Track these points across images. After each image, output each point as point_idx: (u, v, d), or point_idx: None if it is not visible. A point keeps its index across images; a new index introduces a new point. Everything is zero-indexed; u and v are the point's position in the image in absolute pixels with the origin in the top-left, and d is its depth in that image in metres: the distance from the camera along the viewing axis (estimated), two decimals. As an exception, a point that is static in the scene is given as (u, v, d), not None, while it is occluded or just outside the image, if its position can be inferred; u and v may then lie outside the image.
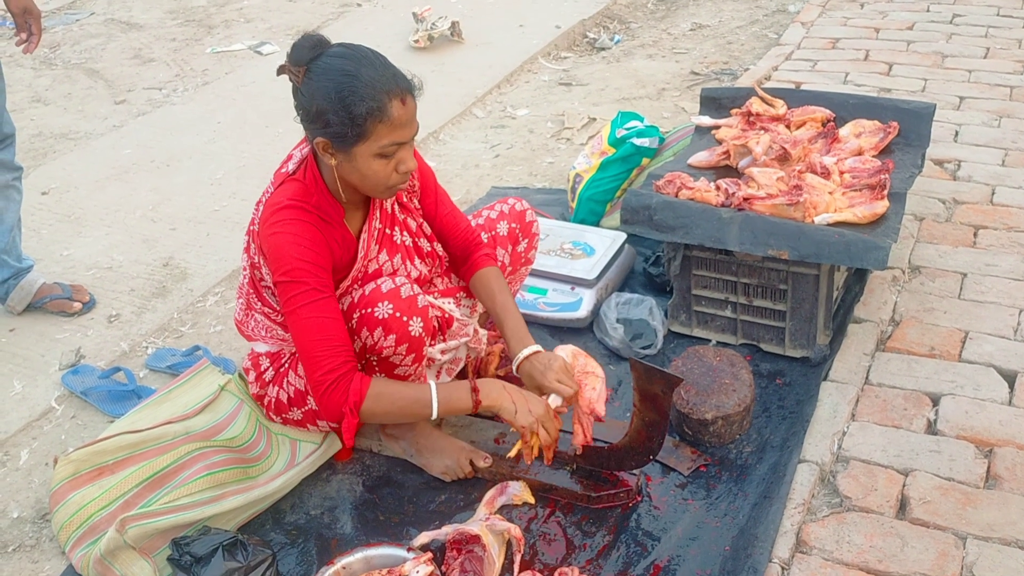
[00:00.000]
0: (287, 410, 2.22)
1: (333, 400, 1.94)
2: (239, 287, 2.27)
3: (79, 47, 5.50)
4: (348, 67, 1.88)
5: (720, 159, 2.81)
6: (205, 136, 4.31)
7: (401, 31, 5.35)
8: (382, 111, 1.87)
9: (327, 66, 1.89)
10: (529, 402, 2.03)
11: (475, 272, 2.27)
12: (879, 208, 2.46)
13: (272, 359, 2.24)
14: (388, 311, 2.00)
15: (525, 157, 3.96)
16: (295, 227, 1.96)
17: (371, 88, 1.86)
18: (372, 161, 1.92)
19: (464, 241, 2.30)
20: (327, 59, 1.90)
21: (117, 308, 3.09)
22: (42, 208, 3.75)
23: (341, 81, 1.86)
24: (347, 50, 1.92)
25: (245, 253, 2.17)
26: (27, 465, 2.46)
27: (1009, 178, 3.33)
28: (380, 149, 1.90)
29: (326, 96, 1.87)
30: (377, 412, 1.99)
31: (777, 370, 2.58)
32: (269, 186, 2.09)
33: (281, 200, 1.99)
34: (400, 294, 2.02)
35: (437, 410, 2.00)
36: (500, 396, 2.02)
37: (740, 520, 2.12)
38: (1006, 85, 4.02)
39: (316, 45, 1.92)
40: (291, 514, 2.24)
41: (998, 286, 2.77)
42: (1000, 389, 2.39)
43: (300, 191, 2.00)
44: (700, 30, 5.18)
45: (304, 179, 2.02)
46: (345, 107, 1.86)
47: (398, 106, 1.89)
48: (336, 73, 1.87)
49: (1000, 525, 1.99)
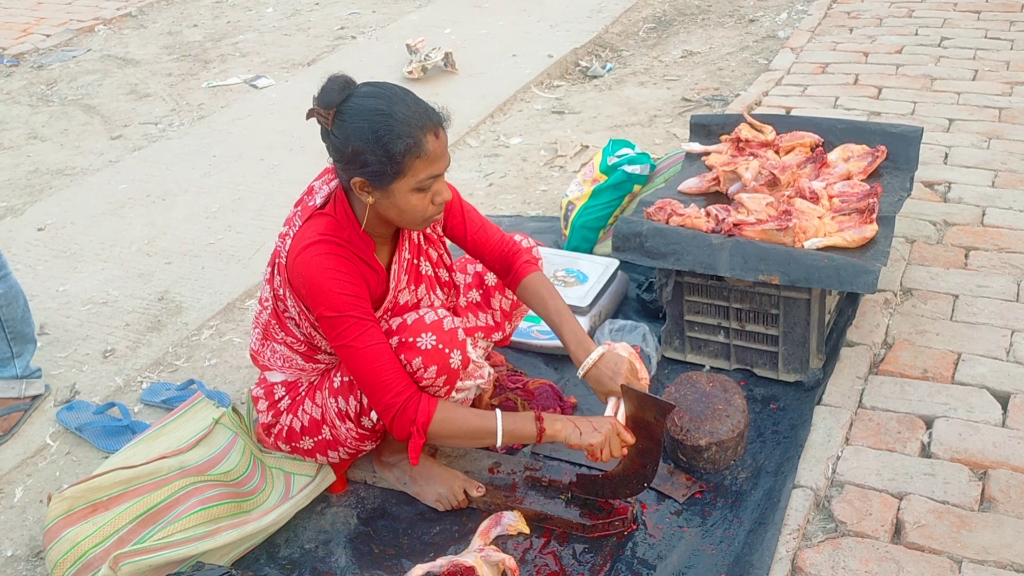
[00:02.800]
0: (299, 439, 2.22)
1: (402, 421, 1.98)
2: (255, 317, 2.26)
3: (76, 83, 5.55)
4: (381, 106, 1.88)
5: (710, 185, 2.83)
6: (201, 170, 4.34)
7: (395, 63, 5.40)
8: (419, 147, 1.88)
9: (359, 107, 1.89)
10: (592, 423, 2.08)
11: (520, 281, 2.29)
12: (868, 232, 2.47)
13: (288, 388, 2.23)
14: (431, 342, 2.01)
15: (518, 185, 3.98)
16: (331, 261, 1.97)
17: (406, 125, 1.87)
18: (410, 196, 1.94)
19: (501, 253, 2.31)
20: (358, 100, 1.90)
21: (112, 343, 3.09)
22: (38, 244, 3.77)
23: (376, 121, 1.87)
24: (376, 89, 1.93)
25: (267, 284, 2.15)
26: (21, 503, 2.46)
27: (999, 199, 3.34)
28: (418, 184, 1.92)
29: (362, 137, 1.88)
30: (442, 435, 2.03)
31: (771, 395, 2.58)
32: (293, 218, 2.07)
33: (313, 235, 1.99)
34: (443, 326, 2.04)
35: (502, 439, 2.04)
36: (564, 425, 2.06)
37: (736, 547, 2.11)
38: (995, 107, 4.05)
39: (344, 87, 1.92)
40: (285, 548, 2.23)
41: (990, 307, 2.78)
42: (993, 411, 2.39)
43: (331, 226, 2.00)
44: (691, 57, 5.23)
45: (335, 214, 2.02)
46: (383, 146, 1.86)
47: (432, 140, 1.91)
48: (370, 113, 1.88)
49: (995, 548, 1.99)
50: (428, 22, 6.19)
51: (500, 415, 2.04)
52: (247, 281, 3.37)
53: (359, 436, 2.16)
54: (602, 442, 2.05)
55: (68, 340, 3.13)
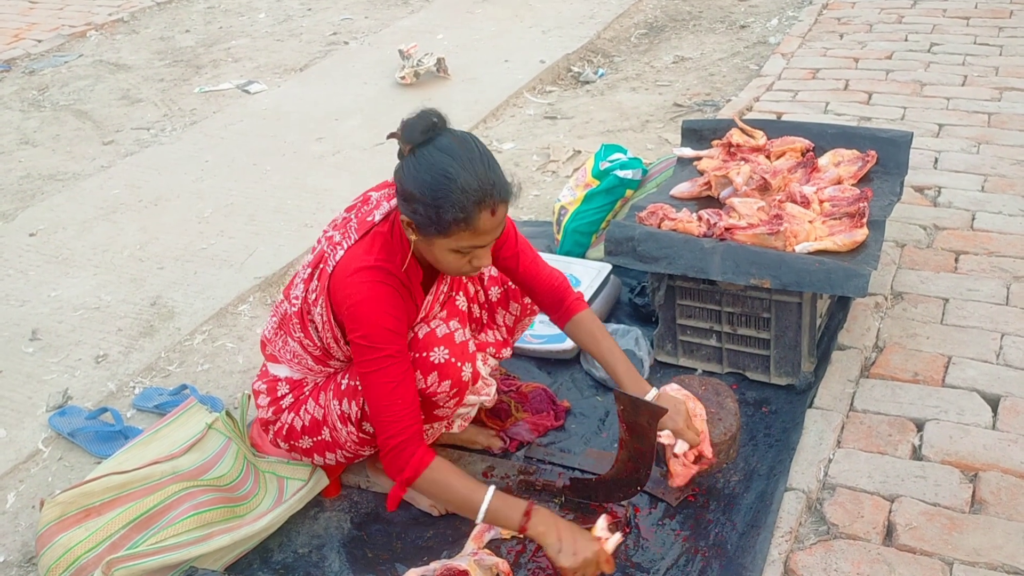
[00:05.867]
0: (298, 437, 2.22)
1: (394, 464, 1.95)
2: (276, 305, 2.24)
3: (67, 89, 5.54)
4: (450, 169, 1.84)
5: (702, 190, 2.85)
6: (193, 175, 4.33)
7: (388, 68, 5.40)
8: (469, 222, 1.85)
9: (431, 159, 1.86)
10: (577, 542, 1.94)
11: (570, 318, 2.27)
12: (859, 236, 2.48)
13: (292, 385, 2.23)
14: (444, 356, 2.03)
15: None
16: (381, 291, 1.95)
17: (465, 196, 1.83)
18: (447, 254, 1.93)
19: (550, 287, 2.28)
20: (434, 150, 1.87)
21: (104, 348, 3.09)
22: (30, 250, 3.76)
23: (438, 181, 1.84)
24: (456, 145, 1.88)
25: (303, 284, 2.12)
26: (14, 508, 2.45)
27: (989, 204, 3.37)
28: (458, 247, 1.91)
29: (421, 188, 1.86)
30: (425, 492, 2.01)
31: (763, 398, 2.59)
32: (348, 227, 2.05)
33: (368, 259, 1.97)
34: (455, 339, 2.05)
35: (482, 519, 1.96)
36: (548, 531, 1.94)
37: (728, 550, 2.12)
38: (984, 112, 4.08)
39: (429, 129, 1.89)
40: (279, 553, 2.23)
41: (980, 311, 2.80)
42: (984, 413, 2.40)
43: (387, 250, 1.99)
44: (682, 63, 5.25)
45: (392, 236, 2.01)
46: (435, 207, 1.84)
47: (487, 217, 1.87)
48: (437, 170, 1.84)
49: (986, 549, 2.00)
50: (420, 28, 6.20)
51: (490, 495, 1.95)
52: (240, 286, 3.37)
53: (359, 440, 2.16)
54: (574, 567, 1.91)
55: (60, 345, 3.12)
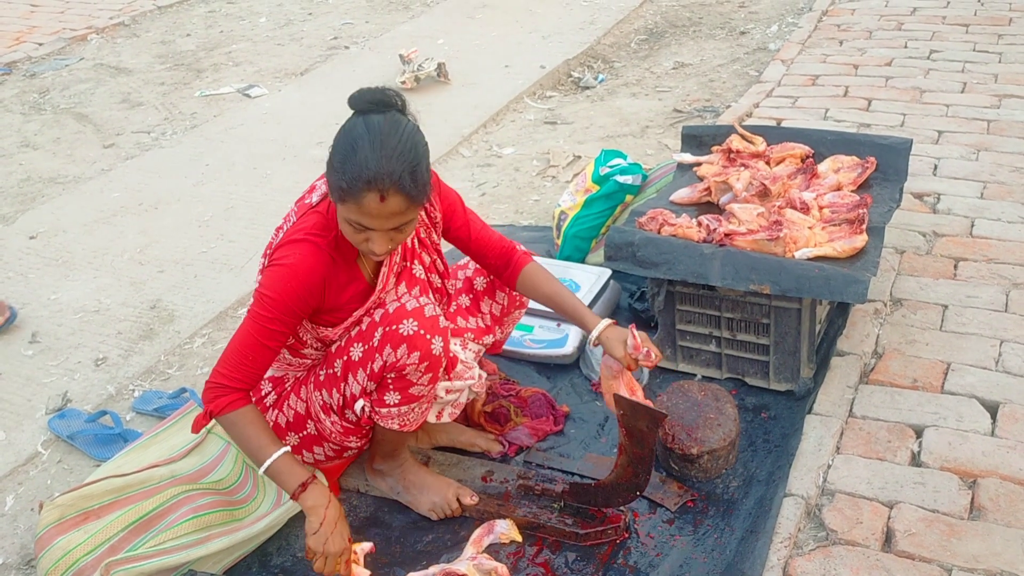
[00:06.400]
0: (284, 435, 2.22)
1: (208, 395, 2.00)
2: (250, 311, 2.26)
3: (68, 92, 5.55)
4: (360, 142, 1.86)
5: (702, 195, 2.85)
6: (193, 179, 4.34)
7: (388, 72, 5.41)
8: (355, 196, 1.86)
9: (355, 129, 1.89)
10: (332, 536, 1.94)
11: (518, 273, 2.35)
12: (858, 242, 2.49)
13: (275, 383, 2.24)
14: (413, 328, 2.03)
15: (511, 195, 4.00)
16: (306, 263, 1.99)
17: (359, 171, 1.84)
18: (344, 223, 1.95)
19: (500, 250, 2.36)
20: (362, 122, 1.89)
21: (104, 351, 3.09)
22: (30, 252, 3.76)
23: (346, 148, 1.88)
24: (383, 127, 1.88)
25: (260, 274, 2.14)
26: (12, 511, 2.45)
27: (988, 210, 3.37)
28: (348, 218, 1.92)
29: (334, 150, 1.91)
30: (226, 430, 2.03)
31: (762, 404, 2.60)
32: (291, 213, 2.12)
33: (298, 233, 2.02)
34: (424, 313, 2.05)
35: (264, 472, 1.98)
36: (316, 509, 1.95)
37: (727, 555, 2.12)
38: (983, 119, 4.09)
39: (377, 103, 1.91)
40: (277, 556, 2.23)
41: (979, 317, 2.80)
42: (983, 420, 2.41)
43: (320, 224, 2.04)
44: (682, 68, 5.26)
45: (327, 214, 2.05)
46: (337, 171, 1.88)
47: (373, 199, 1.86)
48: (350, 139, 1.88)
49: (985, 556, 2.00)
50: (421, 32, 6.21)
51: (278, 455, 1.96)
52: (240, 289, 3.37)
53: (344, 430, 2.17)
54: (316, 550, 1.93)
55: (60, 348, 3.12)
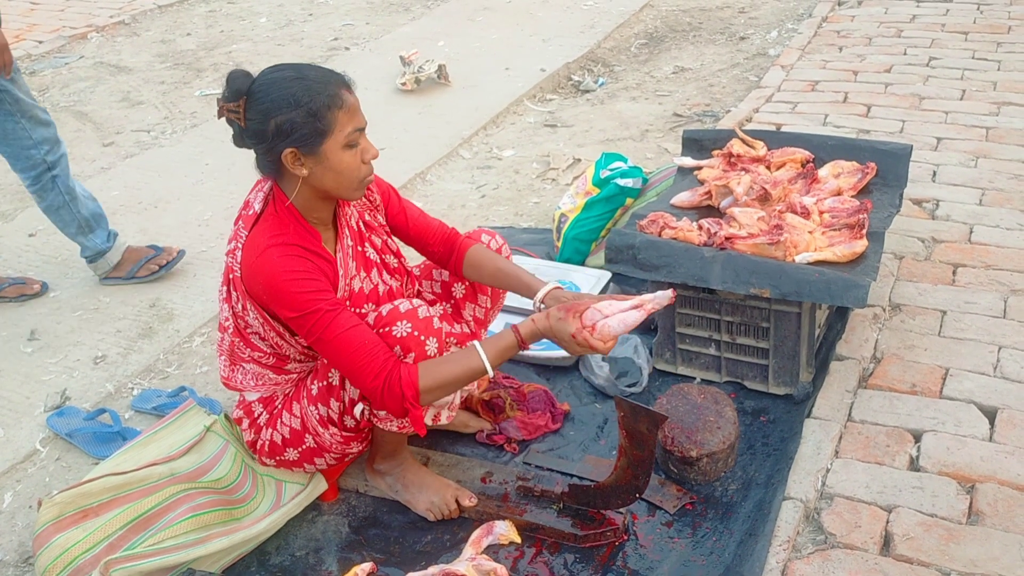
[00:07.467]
0: (282, 451, 2.22)
1: (391, 401, 1.98)
2: (219, 345, 2.24)
3: (68, 90, 5.54)
4: (291, 74, 1.97)
5: (702, 199, 2.86)
6: (193, 178, 4.34)
7: (388, 74, 5.41)
8: (339, 99, 1.96)
9: (270, 82, 1.96)
10: None
11: (463, 257, 2.35)
12: (858, 247, 2.50)
13: (265, 403, 2.24)
14: (407, 330, 2.03)
15: (511, 197, 4.00)
16: (285, 263, 1.98)
17: (321, 83, 1.96)
18: (342, 155, 1.99)
19: (442, 237, 2.38)
20: (265, 78, 1.98)
21: (103, 349, 3.09)
22: (29, 250, 3.76)
23: (292, 86, 1.94)
24: (278, 65, 2.02)
25: (224, 304, 2.15)
26: (10, 508, 2.45)
27: (987, 217, 3.38)
28: (346, 139, 1.98)
29: (283, 105, 1.93)
30: (435, 394, 2.02)
31: (761, 407, 2.60)
32: (237, 232, 2.09)
33: (261, 243, 2.01)
34: (418, 314, 2.05)
35: (491, 367, 2.03)
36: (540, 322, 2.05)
37: (726, 558, 2.12)
38: (982, 126, 4.10)
39: (246, 75, 1.99)
40: (276, 556, 2.23)
41: (977, 323, 2.81)
42: (981, 425, 2.41)
43: (275, 226, 2.03)
44: (682, 73, 5.27)
45: (277, 212, 2.04)
46: (305, 106, 1.93)
47: (347, 94, 2.00)
48: (284, 82, 1.95)
49: (983, 561, 2.01)
50: (422, 34, 6.22)
51: (479, 346, 2.03)
52: (239, 289, 3.37)
53: (344, 439, 2.17)
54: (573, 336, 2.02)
55: (59, 346, 3.12)
